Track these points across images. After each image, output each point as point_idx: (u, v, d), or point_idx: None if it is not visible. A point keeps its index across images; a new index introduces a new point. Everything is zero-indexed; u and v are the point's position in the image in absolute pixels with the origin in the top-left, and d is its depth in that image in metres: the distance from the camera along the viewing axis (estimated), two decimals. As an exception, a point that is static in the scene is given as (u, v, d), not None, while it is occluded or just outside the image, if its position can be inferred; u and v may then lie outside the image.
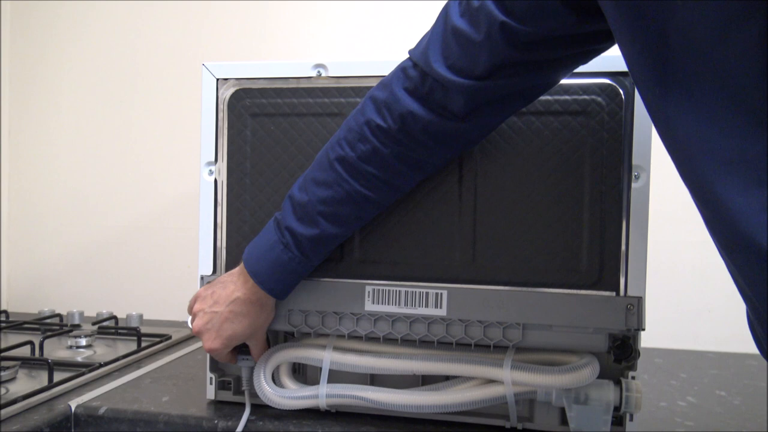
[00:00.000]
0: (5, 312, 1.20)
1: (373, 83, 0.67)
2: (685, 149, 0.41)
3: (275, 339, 0.74)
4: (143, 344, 0.98)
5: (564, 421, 0.66)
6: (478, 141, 0.63)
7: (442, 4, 0.56)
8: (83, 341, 0.98)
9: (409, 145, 0.59)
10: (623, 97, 0.63)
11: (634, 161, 0.63)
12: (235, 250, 0.71)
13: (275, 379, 0.71)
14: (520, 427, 0.68)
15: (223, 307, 0.66)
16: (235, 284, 0.66)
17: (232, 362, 0.71)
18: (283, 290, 0.66)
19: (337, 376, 0.69)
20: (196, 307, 0.68)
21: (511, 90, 0.56)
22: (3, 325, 1.08)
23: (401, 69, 0.59)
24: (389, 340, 0.68)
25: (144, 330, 1.04)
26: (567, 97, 0.64)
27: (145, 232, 1.29)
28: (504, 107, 0.58)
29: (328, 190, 0.62)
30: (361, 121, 0.60)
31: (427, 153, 0.61)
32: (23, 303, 1.35)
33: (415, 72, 0.57)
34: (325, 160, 0.63)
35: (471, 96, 0.55)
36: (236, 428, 0.68)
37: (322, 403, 0.68)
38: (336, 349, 0.69)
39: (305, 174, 0.64)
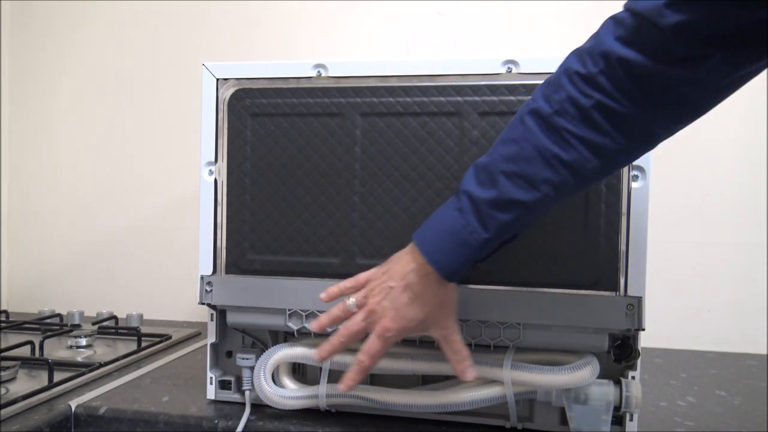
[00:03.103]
0: (5, 312, 1.20)
1: (373, 83, 0.68)
2: None
3: (275, 339, 0.74)
4: (143, 344, 0.98)
5: (564, 421, 0.66)
6: (697, 102, 0.52)
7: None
8: (83, 341, 0.98)
9: (613, 93, 0.51)
10: (623, 97, 0.63)
11: (634, 161, 0.63)
12: (235, 250, 0.72)
13: (275, 379, 0.71)
14: (520, 427, 0.68)
15: (398, 281, 0.59)
16: (408, 256, 0.59)
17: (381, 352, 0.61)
18: (450, 264, 0.57)
19: (337, 376, 0.69)
20: (373, 284, 0.61)
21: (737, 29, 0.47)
22: (3, 325, 1.08)
23: (612, 18, 0.52)
24: (389, 340, 0.68)
25: (144, 330, 1.04)
26: (567, 97, 0.64)
27: (145, 232, 1.29)
28: (728, 56, 0.49)
29: (514, 146, 0.54)
30: (559, 71, 0.54)
31: (635, 107, 0.51)
32: (23, 303, 1.35)
33: (626, 14, 0.51)
34: (516, 117, 0.55)
35: (690, 32, 0.47)
36: (236, 428, 0.68)
37: (322, 403, 0.68)
38: (336, 349, 0.69)
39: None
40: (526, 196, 0.54)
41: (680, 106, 0.52)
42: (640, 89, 0.51)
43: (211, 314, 0.74)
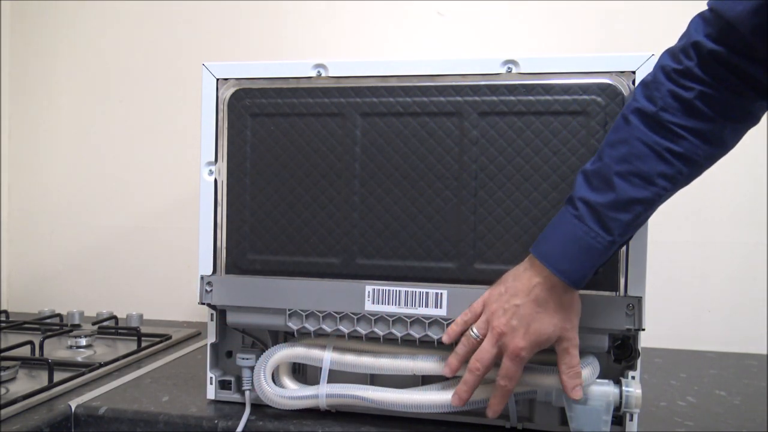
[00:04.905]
0: (5, 312, 1.20)
1: (373, 83, 0.68)
2: None
3: (275, 339, 0.74)
4: (143, 344, 0.98)
5: (564, 421, 0.66)
6: None
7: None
8: (83, 341, 0.98)
9: (711, 83, 0.54)
10: (623, 97, 0.63)
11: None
12: (235, 250, 0.71)
13: (275, 379, 0.71)
14: (520, 427, 0.68)
15: (524, 297, 0.58)
16: (528, 271, 0.59)
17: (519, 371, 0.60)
18: (578, 272, 0.57)
19: (337, 376, 0.69)
20: (493, 307, 0.60)
21: None
22: (3, 325, 1.08)
23: (699, 16, 0.55)
24: (389, 340, 0.68)
25: (144, 330, 1.04)
26: (567, 97, 0.64)
27: (145, 232, 1.29)
28: None
29: (624, 147, 0.55)
30: (655, 71, 0.56)
31: (733, 94, 0.54)
32: (23, 303, 1.35)
33: (712, 15, 0.54)
34: (620, 120, 0.57)
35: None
36: (236, 428, 0.68)
37: (322, 403, 0.68)
38: (336, 349, 0.69)
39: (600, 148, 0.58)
40: (644, 193, 0.55)
41: None
42: (736, 76, 0.53)
43: (211, 314, 0.74)
